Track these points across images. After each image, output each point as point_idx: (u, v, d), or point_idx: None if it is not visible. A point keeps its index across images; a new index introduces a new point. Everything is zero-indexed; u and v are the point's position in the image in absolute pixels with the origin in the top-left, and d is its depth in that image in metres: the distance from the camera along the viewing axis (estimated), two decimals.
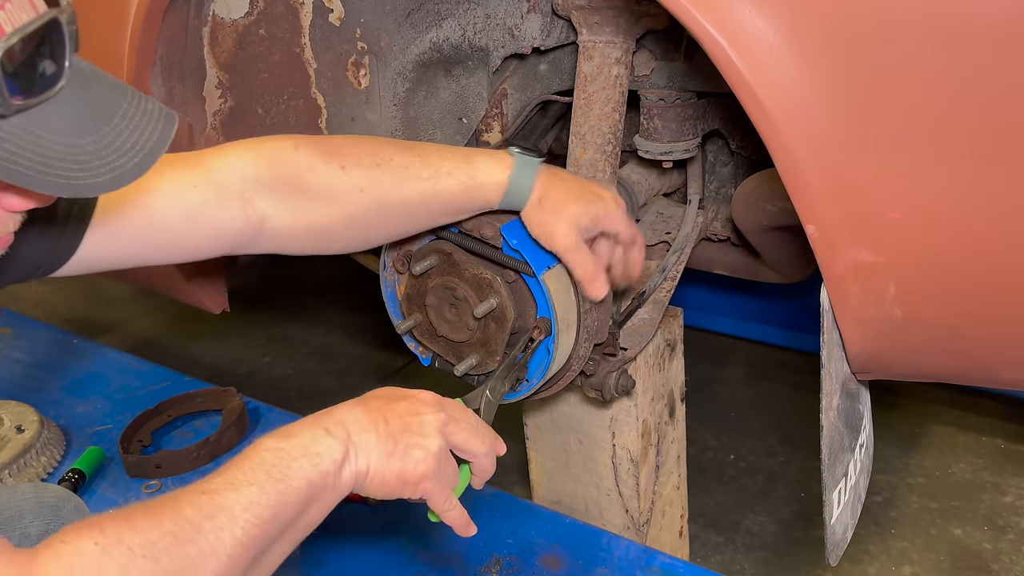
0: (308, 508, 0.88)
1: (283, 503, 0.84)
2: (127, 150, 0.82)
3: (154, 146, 0.84)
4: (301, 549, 1.58)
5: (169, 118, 0.86)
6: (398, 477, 0.95)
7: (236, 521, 0.80)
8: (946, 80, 0.95)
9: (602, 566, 1.52)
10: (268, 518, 0.82)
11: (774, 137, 1.03)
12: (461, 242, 1.32)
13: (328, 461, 0.89)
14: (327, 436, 0.91)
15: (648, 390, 1.65)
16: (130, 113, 0.83)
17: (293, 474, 0.86)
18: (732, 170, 1.89)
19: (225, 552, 0.78)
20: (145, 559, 0.74)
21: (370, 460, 0.93)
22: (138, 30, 1.38)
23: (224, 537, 0.79)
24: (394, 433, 0.95)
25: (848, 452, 1.28)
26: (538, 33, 1.50)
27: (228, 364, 3.21)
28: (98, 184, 0.80)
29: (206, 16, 1.48)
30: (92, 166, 0.79)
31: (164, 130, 0.85)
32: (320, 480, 0.88)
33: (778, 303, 2.93)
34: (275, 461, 0.86)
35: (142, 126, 0.84)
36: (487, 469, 1.06)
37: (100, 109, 0.81)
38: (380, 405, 0.97)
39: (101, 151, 0.80)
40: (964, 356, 1.17)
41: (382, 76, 1.55)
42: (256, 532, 0.81)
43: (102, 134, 0.80)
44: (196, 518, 0.79)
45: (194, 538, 0.77)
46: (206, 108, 1.56)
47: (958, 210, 1.00)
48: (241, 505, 0.81)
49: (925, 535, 2.17)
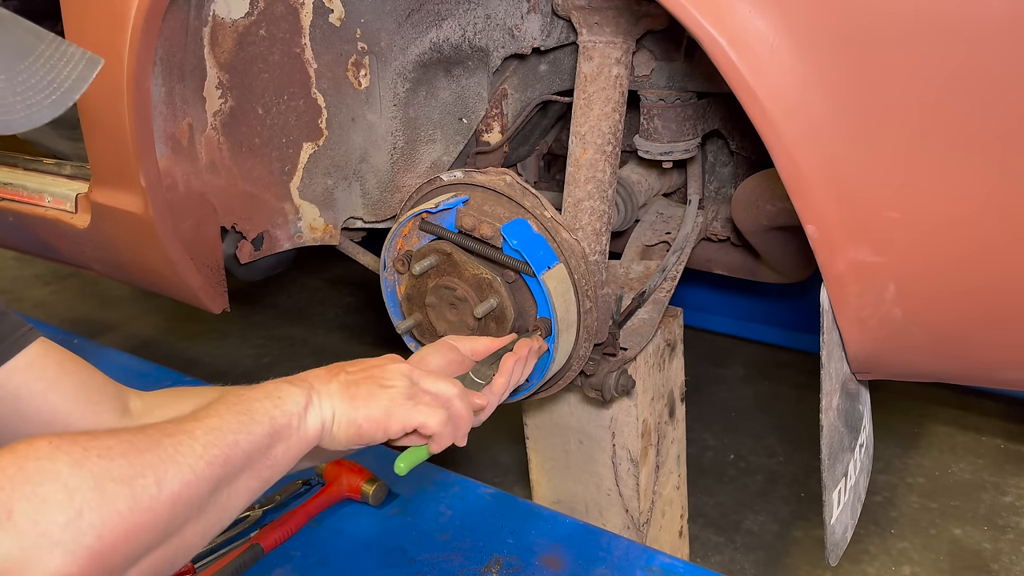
0: (274, 445, 0.88)
1: (245, 432, 0.85)
2: (43, 87, 0.83)
3: (73, 84, 0.85)
4: (301, 549, 1.59)
5: (92, 60, 0.87)
6: (367, 419, 0.95)
7: (196, 440, 0.80)
8: (946, 80, 0.95)
9: (602, 566, 1.52)
10: (230, 443, 0.83)
11: (774, 137, 1.03)
12: (461, 242, 1.32)
13: (290, 403, 0.90)
14: (288, 384, 0.93)
15: (648, 390, 1.65)
16: (47, 54, 0.84)
17: (255, 409, 0.87)
18: (732, 170, 1.89)
19: (187, 463, 0.78)
20: (100, 458, 0.73)
21: (335, 406, 0.94)
22: (138, 30, 1.38)
23: (184, 450, 0.79)
24: (357, 380, 0.97)
25: (848, 452, 1.29)
26: (538, 33, 1.50)
27: (228, 364, 3.20)
28: (14, 121, 0.81)
29: (206, 16, 1.48)
30: (6, 102, 0.80)
31: (85, 70, 0.86)
32: (284, 419, 0.89)
33: (778, 303, 2.93)
34: (236, 401, 0.88)
35: (60, 65, 0.85)
36: (462, 414, 1.03)
37: (14, 48, 0.83)
38: (342, 365, 1.00)
39: (15, 88, 0.81)
40: (964, 356, 1.17)
41: (382, 76, 1.55)
42: (217, 452, 0.81)
43: (15, 71, 0.82)
44: (155, 434, 0.79)
45: (152, 448, 0.77)
46: (206, 108, 1.56)
47: (958, 209, 1.00)
48: (202, 429, 0.82)
49: (925, 535, 2.18)
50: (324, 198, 1.67)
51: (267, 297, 3.72)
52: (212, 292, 1.71)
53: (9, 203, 1.91)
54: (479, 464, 2.46)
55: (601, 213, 1.41)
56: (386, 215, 1.69)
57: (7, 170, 1.98)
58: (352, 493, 1.71)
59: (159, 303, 3.64)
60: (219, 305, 1.74)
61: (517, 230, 1.27)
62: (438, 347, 1.19)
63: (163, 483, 0.76)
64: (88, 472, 0.72)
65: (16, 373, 1.04)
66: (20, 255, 3.34)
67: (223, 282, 1.73)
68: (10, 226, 2.00)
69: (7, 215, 1.94)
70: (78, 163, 1.85)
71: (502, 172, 1.36)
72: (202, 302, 1.72)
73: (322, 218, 1.69)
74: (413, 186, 1.63)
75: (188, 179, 1.59)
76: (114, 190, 1.62)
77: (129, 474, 0.74)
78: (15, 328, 1.05)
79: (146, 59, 1.42)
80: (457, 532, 1.63)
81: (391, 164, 1.63)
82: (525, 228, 1.29)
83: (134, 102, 1.44)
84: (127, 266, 1.82)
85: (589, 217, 1.41)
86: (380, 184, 1.66)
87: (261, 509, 1.68)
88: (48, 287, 3.96)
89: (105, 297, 3.85)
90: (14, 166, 1.99)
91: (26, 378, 1.05)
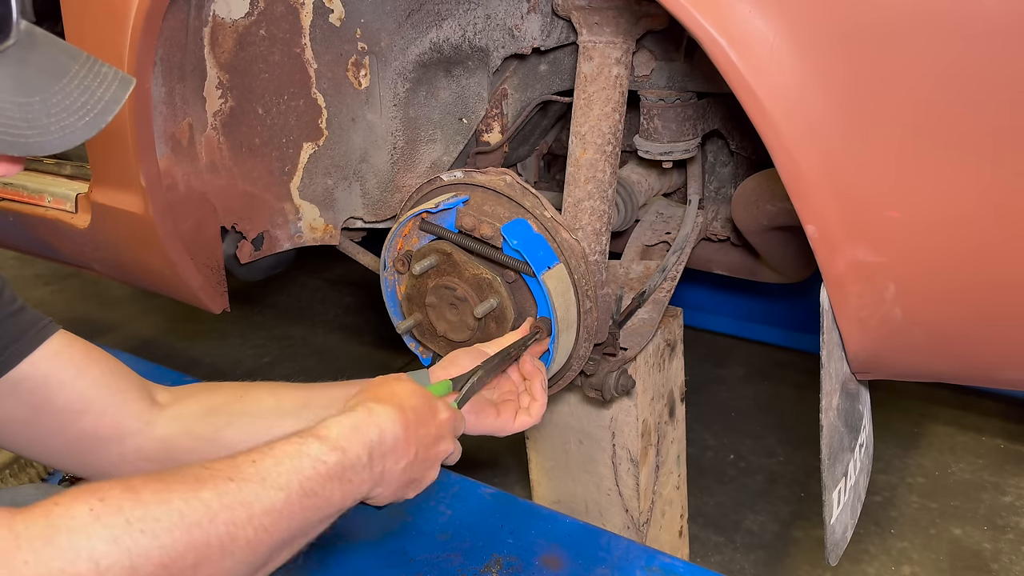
0: (322, 525, 0.86)
1: (303, 520, 0.81)
2: (77, 109, 0.82)
3: (106, 105, 0.84)
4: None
5: (124, 80, 0.86)
6: (394, 498, 0.96)
7: (251, 522, 0.75)
8: (946, 80, 0.95)
9: (602, 566, 1.52)
10: (283, 529, 0.78)
11: (774, 137, 1.03)
12: (461, 242, 1.32)
13: (357, 493, 0.88)
14: (368, 467, 0.88)
15: (648, 390, 1.65)
16: (81, 74, 0.83)
17: (323, 494, 0.83)
18: (732, 170, 1.89)
19: (239, 554, 0.74)
20: (143, 534, 0.68)
21: (386, 492, 0.93)
22: (138, 30, 1.38)
23: (238, 535, 0.74)
24: (414, 475, 0.96)
25: (848, 452, 1.29)
26: (538, 33, 1.50)
27: (228, 364, 3.20)
28: (48, 142, 0.80)
29: (207, 16, 1.48)
30: (41, 124, 0.79)
31: (118, 90, 0.85)
32: (342, 505, 0.86)
33: (778, 303, 2.93)
34: (312, 473, 0.82)
35: (94, 86, 0.84)
36: None
37: (49, 69, 0.82)
38: (417, 436, 0.95)
39: (50, 109, 0.80)
40: (964, 356, 1.17)
41: (382, 76, 1.55)
42: (266, 540, 0.77)
43: (50, 93, 0.81)
44: (214, 505, 0.73)
45: (203, 524, 0.72)
46: (206, 108, 1.56)
47: (957, 209, 1.00)
48: (263, 507, 0.77)
49: (925, 535, 2.18)
50: (324, 198, 1.68)
51: (267, 297, 3.71)
52: (212, 292, 1.71)
53: (9, 203, 1.91)
54: (479, 464, 2.46)
55: (601, 213, 1.41)
56: (386, 215, 1.69)
57: None
58: None
59: (159, 303, 3.64)
60: (219, 305, 1.74)
61: (517, 230, 1.27)
62: (469, 352, 1.20)
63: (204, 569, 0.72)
64: (126, 553, 0.67)
65: (43, 363, 1.03)
66: (20, 255, 3.34)
67: (223, 282, 1.73)
68: (10, 226, 2.00)
69: (7, 215, 1.94)
70: (78, 163, 1.85)
71: (502, 172, 1.36)
72: (202, 302, 1.72)
73: (322, 218, 1.69)
74: (413, 186, 1.63)
75: (188, 179, 1.59)
76: (114, 190, 1.62)
77: (172, 557, 0.69)
78: (36, 320, 1.05)
79: (146, 59, 1.42)
80: (457, 532, 1.63)
81: (391, 164, 1.63)
82: (525, 228, 1.29)
83: (134, 102, 1.44)
84: (127, 266, 1.82)
85: (589, 217, 1.41)
86: (380, 184, 1.66)
87: None
88: (48, 287, 3.96)
89: (105, 297, 3.85)
90: None
91: (54, 367, 1.04)
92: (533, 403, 1.19)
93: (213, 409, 1.12)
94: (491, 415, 1.16)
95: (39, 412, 1.04)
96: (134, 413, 1.08)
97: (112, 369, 1.09)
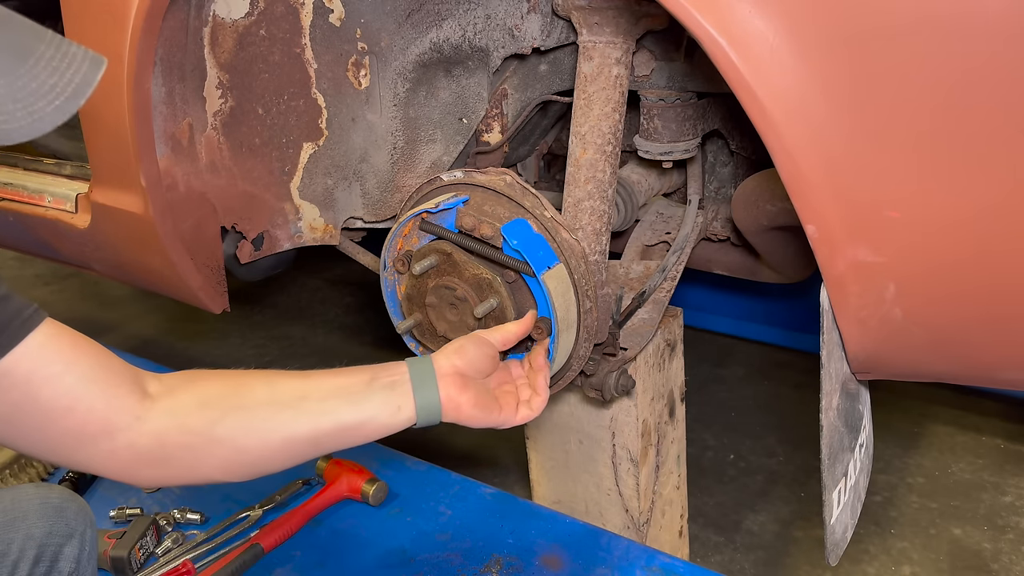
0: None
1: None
2: (45, 92, 0.77)
3: (77, 88, 0.79)
4: (301, 549, 1.59)
5: (96, 61, 0.81)
6: None
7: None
8: (946, 79, 0.95)
9: (602, 566, 1.52)
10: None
11: (774, 137, 1.03)
12: (461, 242, 1.32)
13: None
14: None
15: (648, 390, 1.65)
16: (48, 55, 0.78)
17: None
18: (732, 170, 1.89)
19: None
20: None
21: None
22: (138, 30, 1.38)
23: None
24: None
25: (848, 452, 1.29)
26: (538, 33, 1.50)
27: (228, 364, 3.20)
28: (14, 130, 0.76)
29: (207, 16, 1.48)
30: (6, 110, 0.75)
31: (89, 72, 0.80)
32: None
33: (778, 303, 2.93)
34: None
35: (63, 68, 0.78)
36: None
37: (13, 50, 0.76)
38: None
39: (15, 94, 0.75)
40: (964, 356, 1.17)
41: (382, 76, 1.55)
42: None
43: (15, 76, 0.75)
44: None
45: None
46: (206, 108, 1.56)
47: (958, 209, 1.00)
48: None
49: (925, 535, 2.18)
50: (324, 198, 1.68)
51: (267, 297, 3.72)
52: (212, 292, 1.71)
53: (9, 203, 1.91)
54: (479, 464, 2.46)
55: (601, 213, 1.41)
56: (386, 215, 1.69)
57: (7, 170, 1.98)
58: (352, 493, 1.72)
59: (159, 303, 3.65)
60: (219, 305, 1.74)
61: (517, 230, 1.27)
62: (473, 340, 1.19)
63: None
64: None
65: (25, 358, 0.94)
66: (20, 255, 3.34)
67: (223, 282, 1.73)
68: (10, 226, 2.00)
69: (7, 215, 1.94)
70: (78, 163, 1.85)
71: (502, 172, 1.36)
72: (202, 302, 1.72)
73: (322, 218, 1.69)
74: (413, 186, 1.63)
75: (188, 179, 1.59)
76: (114, 190, 1.62)
77: None
78: (20, 311, 0.94)
79: (146, 59, 1.41)
80: (457, 532, 1.63)
81: (391, 164, 1.63)
82: (525, 228, 1.29)
83: (134, 102, 1.44)
84: (127, 266, 1.82)
85: (589, 217, 1.41)
86: (380, 184, 1.66)
87: (261, 509, 1.68)
88: (48, 287, 3.96)
89: (105, 297, 3.85)
90: (14, 166, 1.99)
91: (39, 361, 0.95)
92: (535, 397, 1.19)
93: (206, 402, 1.07)
94: (494, 408, 1.16)
95: (20, 409, 0.96)
96: (124, 408, 1.02)
97: (101, 362, 1.02)
